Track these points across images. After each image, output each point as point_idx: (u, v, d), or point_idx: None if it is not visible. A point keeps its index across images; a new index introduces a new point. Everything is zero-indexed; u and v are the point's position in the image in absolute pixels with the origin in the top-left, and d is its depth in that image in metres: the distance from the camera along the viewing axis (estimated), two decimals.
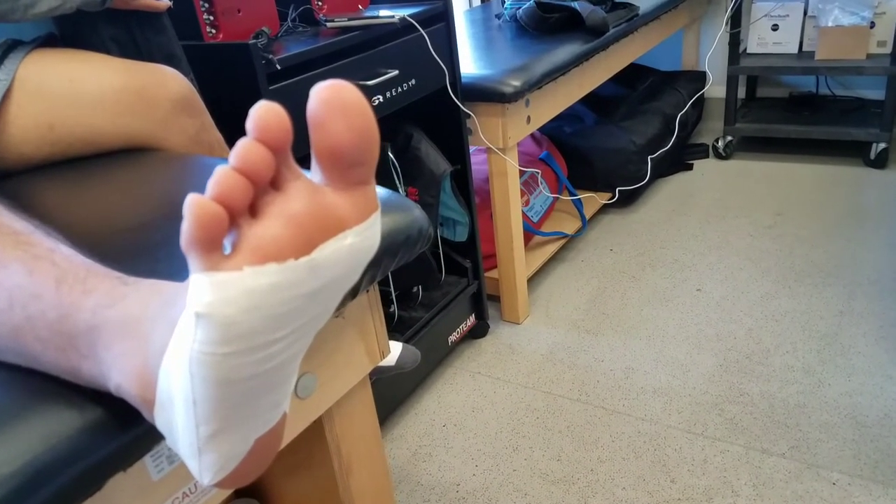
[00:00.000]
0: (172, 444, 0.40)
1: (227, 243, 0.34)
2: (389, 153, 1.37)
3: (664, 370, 1.51)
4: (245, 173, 0.33)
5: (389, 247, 0.61)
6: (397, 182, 1.39)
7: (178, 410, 0.38)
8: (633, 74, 2.53)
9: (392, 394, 1.45)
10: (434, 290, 1.55)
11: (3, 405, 0.42)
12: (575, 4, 1.75)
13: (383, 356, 0.71)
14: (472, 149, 1.67)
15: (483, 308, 1.67)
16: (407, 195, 1.44)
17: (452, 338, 1.58)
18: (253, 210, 0.35)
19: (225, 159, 0.67)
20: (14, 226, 0.47)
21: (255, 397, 0.38)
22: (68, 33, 0.90)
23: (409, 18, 1.28)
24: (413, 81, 1.33)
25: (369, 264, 0.58)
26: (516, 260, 1.67)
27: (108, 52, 0.89)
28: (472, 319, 1.64)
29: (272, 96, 1.07)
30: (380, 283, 1.41)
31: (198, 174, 0.70)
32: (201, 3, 1.12)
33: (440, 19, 1.38)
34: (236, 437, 0.39)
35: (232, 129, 1.10)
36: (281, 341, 0.36)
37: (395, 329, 1.44)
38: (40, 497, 0.40)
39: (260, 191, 0.34)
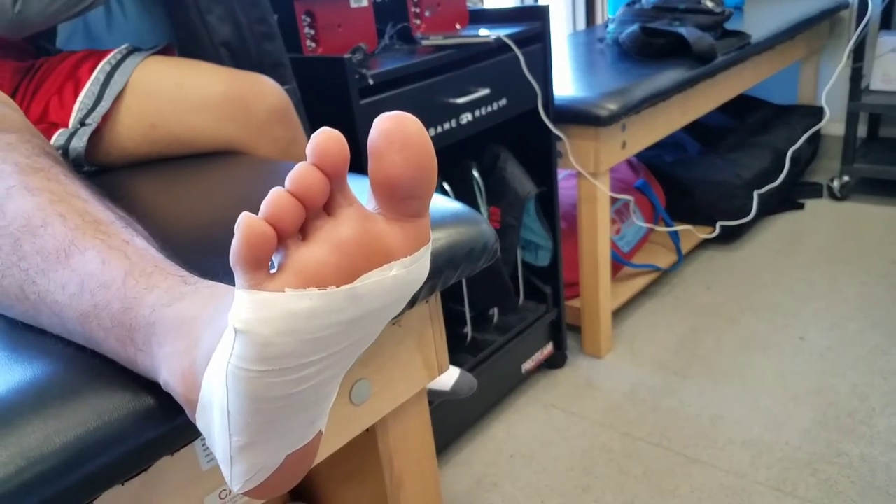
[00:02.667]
0: (211, 446, 0.42)
1: (276, 262, 0.36)
2: (474, 172, 1.38)
3: (756, 421, 1.43)
4: (298, 196, 0.34)
5: (452, 259, 0.61)
6: (480, 201, 1.39)
7: (215, 417, 0.39)
8: (743, 106, 2.44)
9: (459, 418, 1.45)
10: (511, 314, 1.54)
11: (66, 380, 0.45)
12: (682, 30, 1.72)
13: (441, 371, 0.71)
14: (562, 173, 1.65)
15: (562, 337, 1.64)
16: (489, 215, 1.44)
17: (527, 366, 1.56)
18: (303, 232, 0.36)
19: None
20: (97, 215, 0.51)
21: (289, 416, 0.39)
22: (183, 38, 0.97)
23: (504, 38, 1.30)
24: (504, 101, 1.34)
25: (430, 275, 0.59)
26: (601, 290, 1.63)
27: (218, 57, 0.96)
28: (549, 348, 1.62)
29: (363, 110, 1.10)
30: (454, 302, 1.42)
31: (281, 180, 0.73)
32: (304, 17, 1.18)
33: (537, 40, 1.38)
34: (268, 451, 0.40)
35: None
36: (316, 364, 0.37)
37: (467, 351, 1.43)
38: (88, 469, 0.42)
39: (312, 214, 0.35)
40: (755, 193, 2.05)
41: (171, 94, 0.84)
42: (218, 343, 0.38)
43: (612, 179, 1.90)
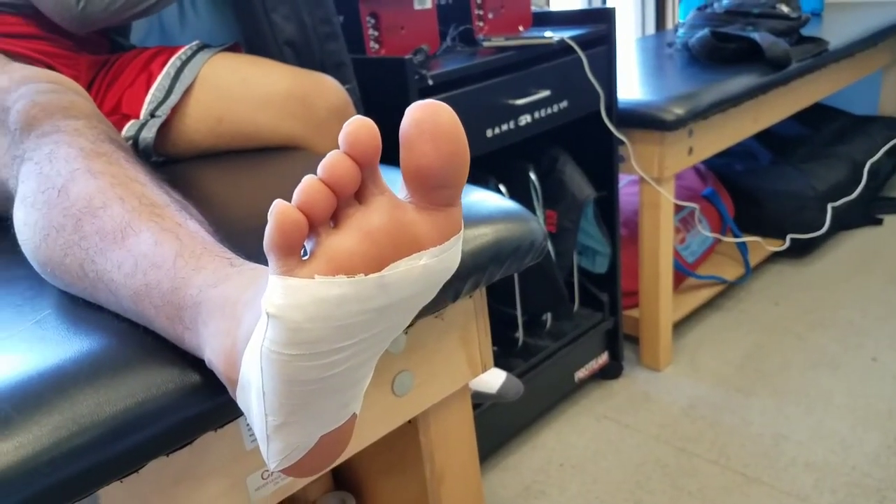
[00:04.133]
0: (250, 423, 0.43)
1: (308, 248, 0.37)
2: (531, 174, 1.38)
3: (821, 443, 1.37)
4: (330, 184, 0.35)
5: (497, 255, 0.61)
6: (536, 203, 1.39)
7: (252, 397, 0.41)
8: (819, 115, 2.35)
9: (509, 423, 1.44)
10: (565, 320, 1.52)
11: (119, 354, 0.48)
12: (755, 35, 1.67)
13: (485, 368, 0.71)
14: (624, 179, 1.63)
15: (618, 347, 1.61)
16: (545, 218, 1.43)
17: (580, 374, 1.54)
18: (335, 220, 0.37)
19: None
20: (154, 198, 0.53)
21: (321, 398, 0.40)
22: (250, 37, 1.01)
23: (568, 40, 1.29)
24: (565, 103, 1.33)
25: (473, 269, 0.59)
26: (662, 300, 1.60)
27: (282, 55, 0.99)
28: (604, 358, 1.60)
29: None
30: (506, 305, 1.41)
31: None
32: (368, 19, 1.20)
33: (602, 42, 1.37)
34: (302, 431, 0.41)
35: (383, 141, 1.17)
36: (347, 350, 0.38)
37: (518, 355, 1.43)
38: (134, 439, 0.45)
39: (344, 202, 0.36)
40: (829, 206, 1.97)
41: (237, 90, 0.87)
42: (256, 325, 0.40)
43: (678, 187, 1.86)
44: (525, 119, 1.28)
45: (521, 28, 1.41)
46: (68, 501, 0.44)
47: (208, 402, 0.48)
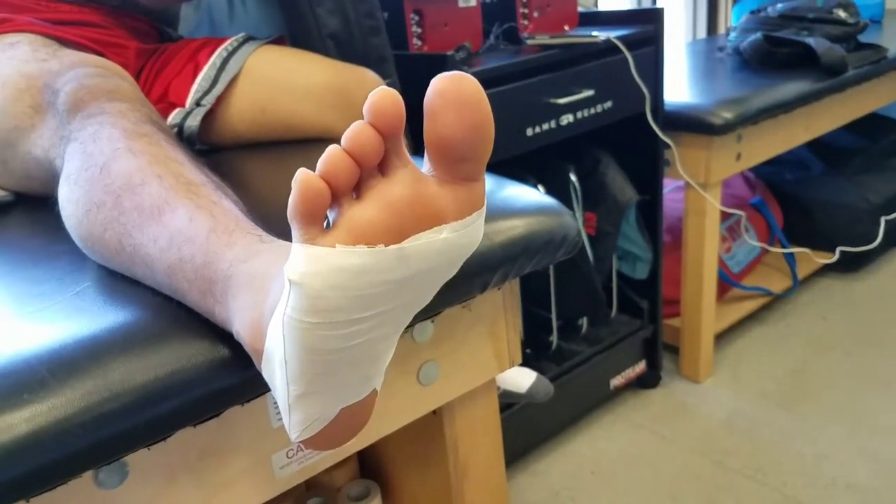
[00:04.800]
0: (274, 395, 0.44)
1: (331, 218, 0.37)
2: (571, 175, 1.37)
3: (865, 465, 1.33)
4: (353, 154, 0.36)
5: (528, 248, 0.62)
6: (575, 205, 1.38)
7: (276, 366, 0.42)
8: (876, 125, 2.28)
9: (540, 426, 1.44)
10: (601, 325, 1.51)
11: (152, 326, 0.50)
12: (809, 40, 1.64)
13: (513, 364, 0.71)
14: (669, 184, 1.61)
15: (657, 356, 1.59)
16: (584, 221, 1.43)
17: (616, 381, 1.53)
18: (358, 191, 0.37)
19: None
20: (190, 177, 0.55)
21: (342, 369, 0.41)
22: (294, 30, 1.03)
23: (614, 40, 1.29)
24: (609, 104, 1.32)
25: (503, 261, 0.60)
26: (704, 310, 1.57)
27: (325, 49, 1.01)
28: (641, 366, 1.58)
29: None
30: (541, 307, 1.41)
31: None
32: (412, 15, 1.22)
33: (649, 42, 1.36)
34: (322, 402, 0.42)
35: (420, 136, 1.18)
36: (368, 321, 0.39)
37: (552, 359, 1.42)
38: (163, 408, 0.46)
39: (367, 173, 0.37)
40: (882, 220, 1.91)
41: (280, 81, 0.89)
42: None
43: (725, 194, 1.83)
44: (567, 118, 1.27)
45: (566, 28, 1.41)
46: (97, 464, 0.46)
47: (236, 375, 0.49)
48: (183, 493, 0.53)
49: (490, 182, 0.69)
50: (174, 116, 0.86)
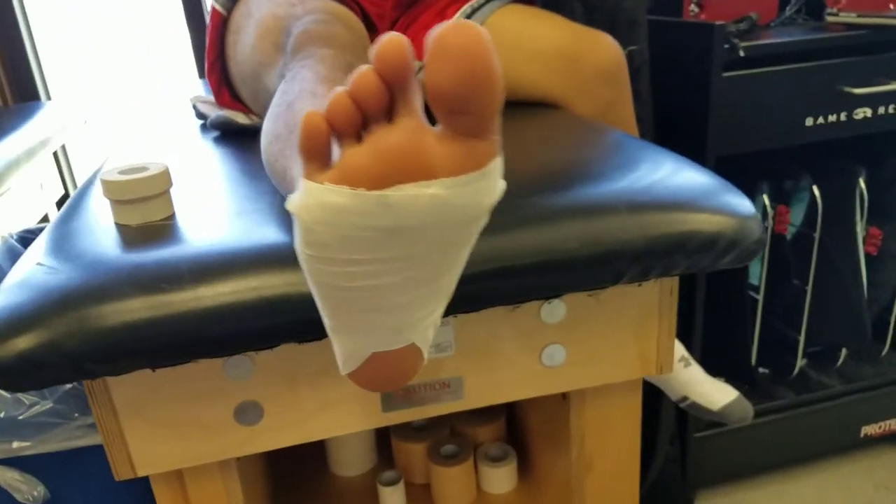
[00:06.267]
0: None
1: (333, 158, 0.39)
2: (861, 181, 1.18)
3: None
4: (355, 99, 0.37)
5: (685, 244, 0.56)
6: (857, 217, 1.19)
7: None
8: None
9: (758, 453, 1.30)
10: (864, 362, 1.30)
11: (285, 250, 0.56)
12: None
13: (662, 371, 0.66)
14: None
15: None
16: (866, 237, 1.22)
17: (869, 430, 1.30)
18: (361, 135, 0.38)
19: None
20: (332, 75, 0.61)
21: (360, 312, 0.43)
22: None
23: None
24: None
25: (644, 253, 0.56)
26: None
27: (571, 10, 1.01)
28: None
29: (723, 84, 1.04)
30: (789, 325, 1.25)
31: (600, 145, 0.73)
32: None
33: None
34: (350, 340, 0.45)
35: (676, 112, 1.11)
36: (364, 265, 0.40)
37: (791, 385, 1.27)
38: (265, 323, 0.52)
39: (371, 119, 0.37)
40: None
41: (511, 41, 0.91)
42: None
43: None
44: (863, 112, 1.09)
45: (892, 6, 1.19)
46: (221, 354, 0.55)
47: (299, 313, 0.52)
48: (300, 398, 0.60)
49: (668, 164, 0.64)
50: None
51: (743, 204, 0.59)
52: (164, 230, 0.59)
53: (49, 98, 1.39)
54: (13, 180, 1.08)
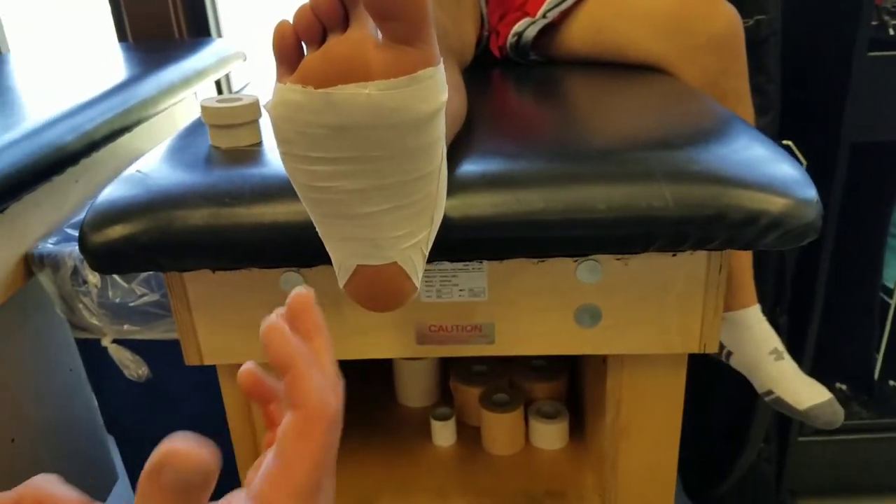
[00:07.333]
0: None
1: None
2: None
3: None
4: (315, 11, 0.43)
5: (722, 217, 0.55)
6: None
7: None
8: None
9: (870, 471, 1.21)
10: None
11: None
12: None
13: (706, 349, 0.66)
14: None
15: None
16: None
17: None
18: (322, 42, 0.44)
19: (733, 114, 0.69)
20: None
21: (331, 217, 0.49)
22: None
23: None
24: None
25: (679, 221, 0.56)
26: None
27: None
28: None
29: (866, 63, 0.96)
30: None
31: (701, 117, 0.71)
32: None
33: None
34: (336, 248, 0.51)
35: (810, 90, 1.04)
36: (325, 163, 0.45)
37: (866, 405, 1.16)
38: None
39: (329, 28, 0.43)
40: None
41: (622, 2, 0.90)
42: None
43: None
44: None
45: None
46: (267, 265, 0.62)
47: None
48: (344, 317, 0.66)
49: (740, 141, 0.62)
50: (520, 25, 0.95)
51: (799, 186, 0.57)
52: (246, 154, 0.67)
53: (220, 36, 1.56)
54: (181, 96, 1.27)
